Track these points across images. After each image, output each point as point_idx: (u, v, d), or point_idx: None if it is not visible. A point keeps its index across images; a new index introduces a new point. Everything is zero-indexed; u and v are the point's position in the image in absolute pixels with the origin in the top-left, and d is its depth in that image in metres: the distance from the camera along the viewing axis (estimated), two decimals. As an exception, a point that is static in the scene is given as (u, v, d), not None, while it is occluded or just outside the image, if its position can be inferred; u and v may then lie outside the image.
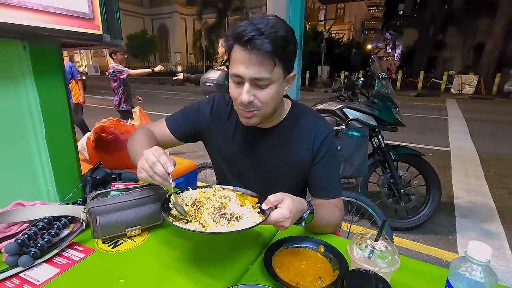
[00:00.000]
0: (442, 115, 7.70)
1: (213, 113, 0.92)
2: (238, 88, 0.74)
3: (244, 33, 0.67)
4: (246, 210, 0.68)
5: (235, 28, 0.69)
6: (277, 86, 0.75)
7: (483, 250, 0.45)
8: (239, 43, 0.69)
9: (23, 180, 0.89)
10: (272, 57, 0.69)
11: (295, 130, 0.88)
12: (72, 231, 0.79)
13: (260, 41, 0.66)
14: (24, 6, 0.72)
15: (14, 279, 0.63)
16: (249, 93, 0.72)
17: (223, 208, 0.67)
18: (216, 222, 0.64)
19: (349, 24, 35.09)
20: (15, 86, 0.83)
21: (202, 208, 0.67)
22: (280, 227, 0.67)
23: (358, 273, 0.52)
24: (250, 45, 0.67)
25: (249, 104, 0.74)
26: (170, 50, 32.53)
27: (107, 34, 0.93)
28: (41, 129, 0.90)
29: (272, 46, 0.67)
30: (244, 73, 0.70)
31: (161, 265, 0.69)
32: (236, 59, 0.71)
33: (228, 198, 0.71)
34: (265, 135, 0.88)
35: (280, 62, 0.71)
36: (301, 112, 0.91)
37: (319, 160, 0.87)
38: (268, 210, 0.66)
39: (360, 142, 1.88)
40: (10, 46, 0.80)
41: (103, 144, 1.61)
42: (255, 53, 0.67)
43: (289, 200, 0.67)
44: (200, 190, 0.75)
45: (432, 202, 2.25)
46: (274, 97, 0.75)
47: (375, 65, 2.17)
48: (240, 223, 0.64)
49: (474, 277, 0.45)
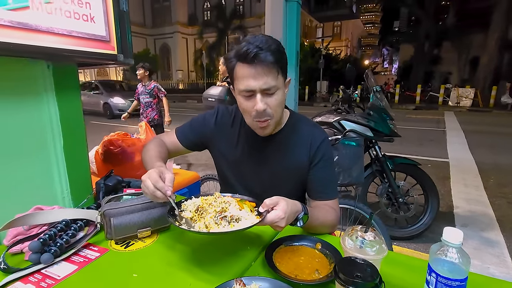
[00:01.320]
0: (440, 128, 7.79)
1: (218, 123, 1.00)
2: (250, 101, 0.83)
3: (249, 51, 0.76)
4: (245, 213, 0.75)
5: (238, 49, 0.79)
6: (282, 92, 0.85)
7: (456, 234, 0.51)
8: (245, 61, 0.78)
9: (42, 187, 0.97)
10: (275, 66, 0.79)
11: (293, 137, 0.96)
12: (87, 233, 0.86)
13: (264, 55, 0.77)
14: (51, 31, 0.82)
15: (37, 275, 0.69)
16: (262, 101, 0.81)
17: (223, 211, 0.73)
18: (218, 224, 0.70)
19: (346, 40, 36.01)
20: (38, 101, 0.92)
21: (204, 213, 0.74)
22: (276, 227, 0.73)
23: (349, 260, 0.58)
24: (257, 60, 0.77)
25: (264, 113, 0.82)
26: (172, 68, 33.28)
27: (120, 54, 1.03)
28: (59, 141, 0.98)
29: (273, 57, 0.78)
30: (254, 86, 0.79)
31: (169, 263, 0.75)
32: (242, 76, 0.80)
33: (228, 203, 0.77)
34: (266, 142, 0.96)
35: (281, 70, 0.82)
36: (298, 120, 0.99)
37: (316, 164, 0.94)
38: (265, 212, 0.72)
39: (357, 151, 1.95)
40: (36, 66, 0.90)
41: (111, 156, 1.68)
42: (261, 66, 0.77)
43: (284, 202, 0.73)
44: (202, 198, 0.81)
45: (431, 210, 2.29)
46: (282, 102, 0.85)
47: (369, 79, 2.28)
48: (239, 224, 0.71)
49: (450, 258, 0.51)
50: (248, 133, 0.96)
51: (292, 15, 2.43)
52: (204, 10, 33.23)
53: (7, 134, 0.87)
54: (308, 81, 16.84)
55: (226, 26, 25.01)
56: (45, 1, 0.80)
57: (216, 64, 24.81)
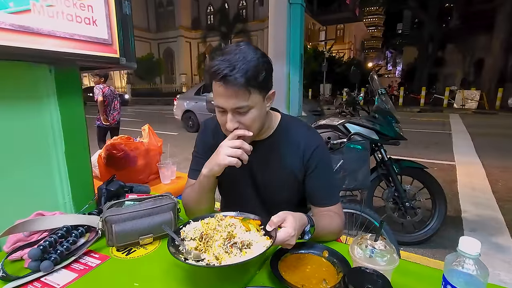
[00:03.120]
0: (446, 130, 7.71)
1: (214, 135, 0.97)
2: (223, 116, 0.81)
3: (218, 72, 0.73)
4: (253, 235, 0.71)
5: (210, 67, 0.75)
6: (258, 109, 0.80)
7: (474, 244, 0.48)
8: (215, 79, 0.75)
9: (43, 193, 0.95)
10: (246, 88, 0.74)
11: (284, 142, 0.92)
12: (88, 239, 0.84)
13: (233, 77, 0.72)
14: (53, 34, 0.81)
15: (36, 283, 0.67)
16: (232, 121, 0.79)
17: (232, 237, 0.68)
18: (229, 253, 0.65)
19: (349, 43, 36.03)
20: (40, 106, 0.91)
21: (210, 241, 0.68)
22: (287, 245, 0.71)
23: (359, 270, 0.55)
24: (225, 82, 0.73)
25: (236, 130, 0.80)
26: (176, 72, 33.54)
27: (123, 57, 1.02)
28: (61, 145, 0.97)
29: (244, 78, 0.73)
30: (224, 105, 0.77)
31: (172, 271, 0.72)
32: (216, 92, 0.78)
33: (234, 225, 0.73)
34: (256, 148, 0.90)
35: (255, 89, 0.76)
36: (290, 124, 0.95)
37: (312, 172, 0.90)
38: (273, 232, 0.69)
39: (362, 155, 1.92)
40: (38, 70, 0.89)
41: (114, 161, 1.67)
42: (230, 87, 0.73)
43: (291, 217, 0.71)
44: (203, 222, 0.77)
45: (439, 215, 2.24)
46: (257, 118, 0.81)
47: (374, 81, 2.25)
48: (252, 250, 0.66)
49: (467, 270, 0.49)
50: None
51: (296, 17, 2.42)
52: (208, 14, 33.52)
53: (8, 139, 0.86)
54: (311, 84, 16.84)
55: (229, 30, 25.14)
56: (46, 4, 0.79)
57: (219, 67, 24.87)
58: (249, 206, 0.98)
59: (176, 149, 5.18)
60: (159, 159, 1.84)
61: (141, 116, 12.05)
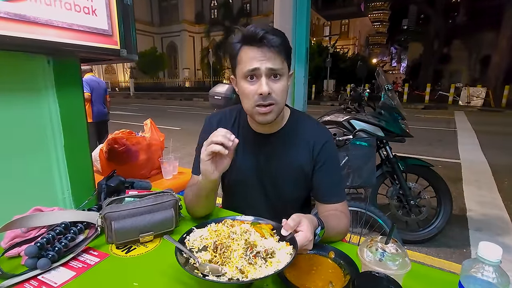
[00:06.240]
0: (451, 128, 7.61)
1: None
2: (254, 85, 0.78)
3: (256, 32, 0.74)
4: (272, 242, 0.66)
5: (245, 32, 0.77)
6: (286, 80, 0.81)
7: (494, 250, 0.45)
8: (251, 43, 0.76)
9: (41, 187, 0.93)
10: (281, 51, 0.76)
11: (294, 136, 0.91)
12: (87, 236, 0.81)
13: (271, 36, 0.75)
14: (51, 24, 0.78)
15: (33, 281, 0.65)
16: (268, 84, 0.77)
17: (254, 246, 0.62)
18: (253, 264, 0.59)
19: (353, 39, 35.62)
20: (38, 98, 0.88)
21: (227, 251, 0.62)
22: (304, 250, 0.67)
23: (369, 275, 0.52)
24: (266, 40, 0.74)
25: (268, 97, 0.77)
26: (179, 66, 33.43)
27: (124, 49, 0.98)
28: (60, 139, 0.94)
29: (280, 42, 0.76)
30: (260, 65, 0.76)
31: (173, 270, 0.70)
32: (248, 58, 0.77)
33: (249, 232, 0.67)
34: (266, 141, 0.91)
35: (285, 59, 0.79)
36: (300, 118, 0.94)
37: (320, 167, 0.89)
38: (289, 236, 0.66)
39: (368, 152, 1.88)
40: (36, 61, 0.86)
41: (115, 155, 1.65)
42: (267, 47, 0.75)
43: (306, 220, 0.68)
44: (210, 230, 0.71)
45: (444, 213, 2.20)
46: (285, 90, 0.81)
47: (380, 77, 2.20)
48: (277, 259, 0.61)
49: (486, 277, 0.46)
50: (246, 133, 0.91)
51: (302, 10, 2.36)
52: (211, 8, 33.24)
53: (5, 132, 0.84)
54: (315, 80, 16.70)
55: (233, 24, 24.94)
56: (43, -8, 0.76)
57: (223, 62, 24.84)
58: (253, 202, 0.95)
59: (178, 144, 5.16)
60: (161, 154, 1.81)
61: (143, 111, 12.04)
